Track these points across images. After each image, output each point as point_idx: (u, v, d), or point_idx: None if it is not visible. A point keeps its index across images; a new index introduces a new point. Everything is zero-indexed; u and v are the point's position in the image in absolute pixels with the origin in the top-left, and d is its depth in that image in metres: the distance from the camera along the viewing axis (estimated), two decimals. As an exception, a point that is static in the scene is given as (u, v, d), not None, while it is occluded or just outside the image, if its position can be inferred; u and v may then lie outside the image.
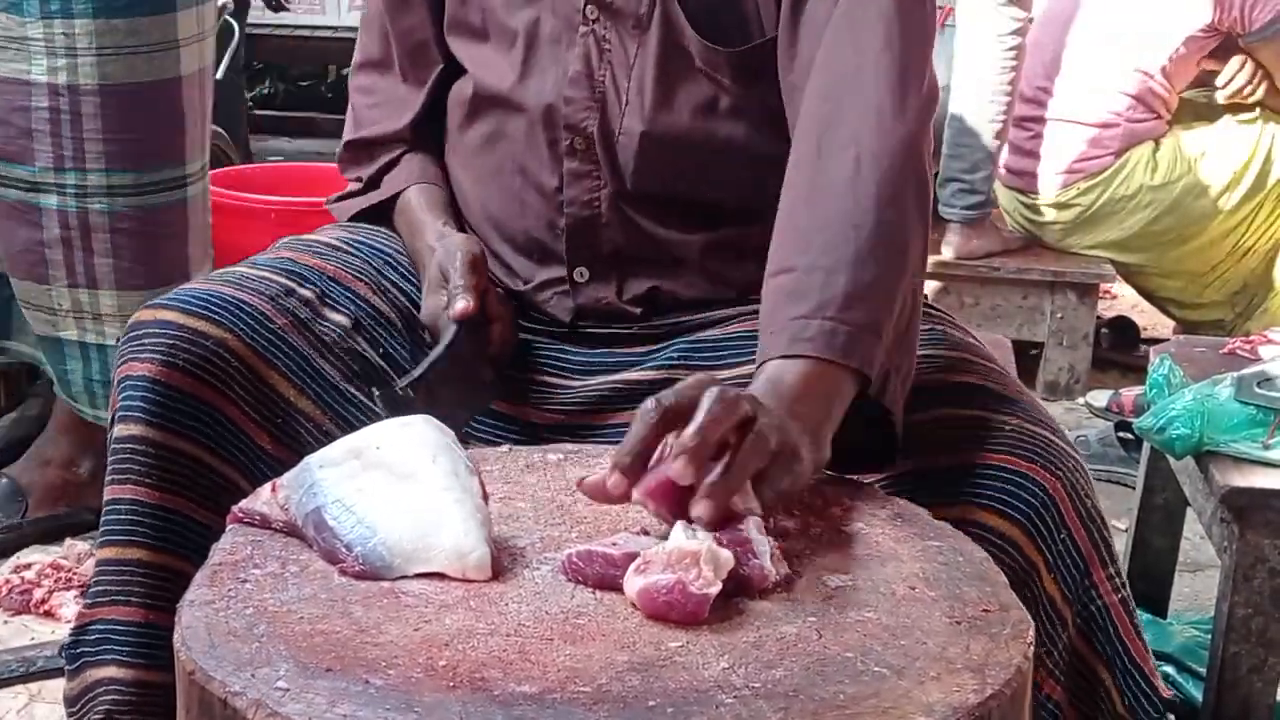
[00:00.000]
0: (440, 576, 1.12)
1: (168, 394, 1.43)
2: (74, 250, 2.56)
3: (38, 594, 2.49)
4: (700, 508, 1.11)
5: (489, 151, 1.64)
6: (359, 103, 1.77)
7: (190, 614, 1.07)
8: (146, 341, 1.45)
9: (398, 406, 1.45)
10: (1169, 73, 3.84)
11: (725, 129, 1.54)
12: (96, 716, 1.46)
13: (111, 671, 1.45)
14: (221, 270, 1.60)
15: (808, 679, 1.00)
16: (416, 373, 1.50)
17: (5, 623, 2.46)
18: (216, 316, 1.47)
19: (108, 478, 1.45)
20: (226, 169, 4.23)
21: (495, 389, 1.59)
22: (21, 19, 2.45)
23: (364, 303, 1.59)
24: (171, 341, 1.44)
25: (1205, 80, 3.98)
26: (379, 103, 1.75)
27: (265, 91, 7.50)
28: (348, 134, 1.78)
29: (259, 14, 5.82)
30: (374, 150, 1.74)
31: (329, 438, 1.47)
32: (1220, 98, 3.93)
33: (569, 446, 1.43)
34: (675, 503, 1.13)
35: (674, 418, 1.16)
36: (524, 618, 1.07)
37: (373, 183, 1.74)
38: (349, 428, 1.47)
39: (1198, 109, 4.02)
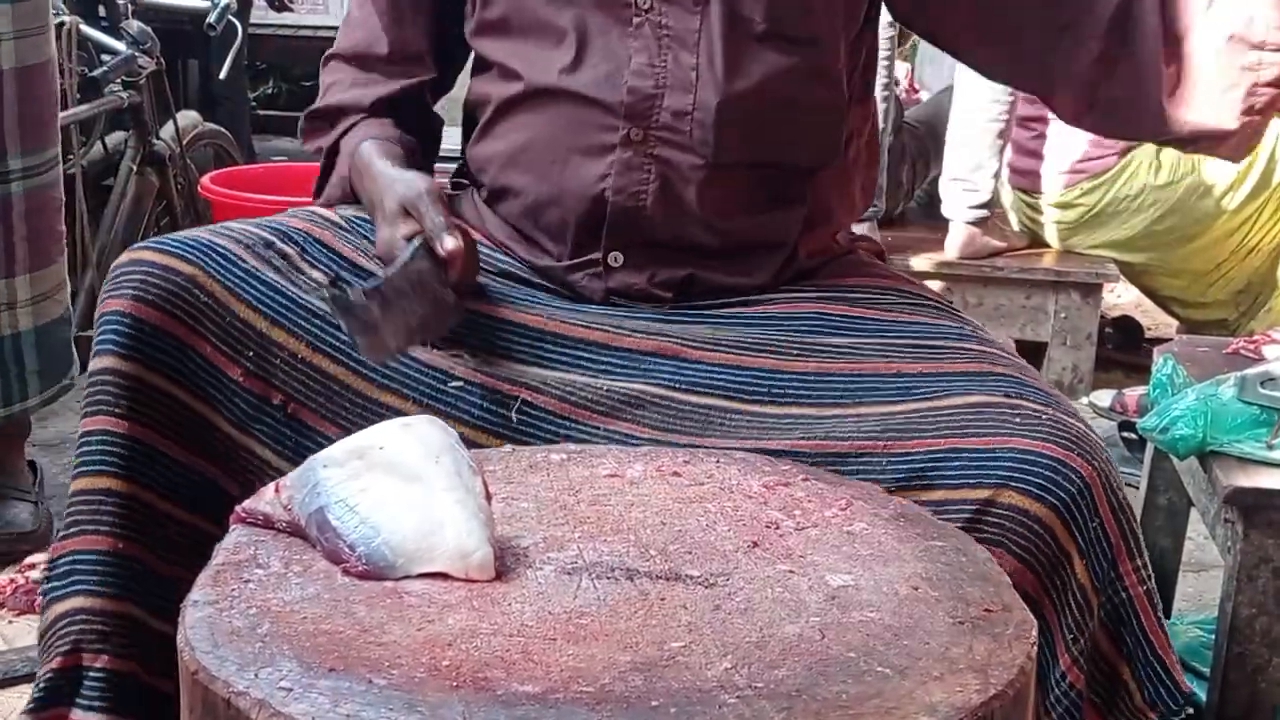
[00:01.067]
0: (443, 576, 1.13)
1: (139, 328, 1.47)
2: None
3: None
4: None
5: (529, 144, 1.64)
6: (326, 81, 1.79)
7: (194, 614, 1.07)
8: (122, 279, 1.49)
9: (347, 311, 1.46)
10: (1173, 72, 3.83)
11: (795, 90, 1.59)
12: (64, 646, 1.46)
13: (79, 602, 1.46)
14: (209, 225, 1.64)
15: (811, 679, 1.00)
16: (372, 283, 1.50)
17: (10, 622, 2.46)
18: (188, 255, 1.51)
19: (82, 411, 1.48)
20: (230, 169, 4.24)
21: (458, 311, 1.56)
22: None
23: (345, 260, 1.61)
24: (143, 278, 1.49)
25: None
26: (348, 83, 1.75)
27: (268, 91, 7.50)
28: (310, 107, 1.79)
29: (262, 14, 5.83)
30: (333, 118, 1.75)
31: (307, 365, 1.51)
32: None
33: (572, 447, 1.43)
34: None
35: None
36: (527, 618, 1.08)
37: (332, 151, 1.74)
38: (327, 356, 1.51)
39: (1202, 109, 4.02)
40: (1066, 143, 3.90)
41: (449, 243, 1.51)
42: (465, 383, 1.52)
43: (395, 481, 1.16)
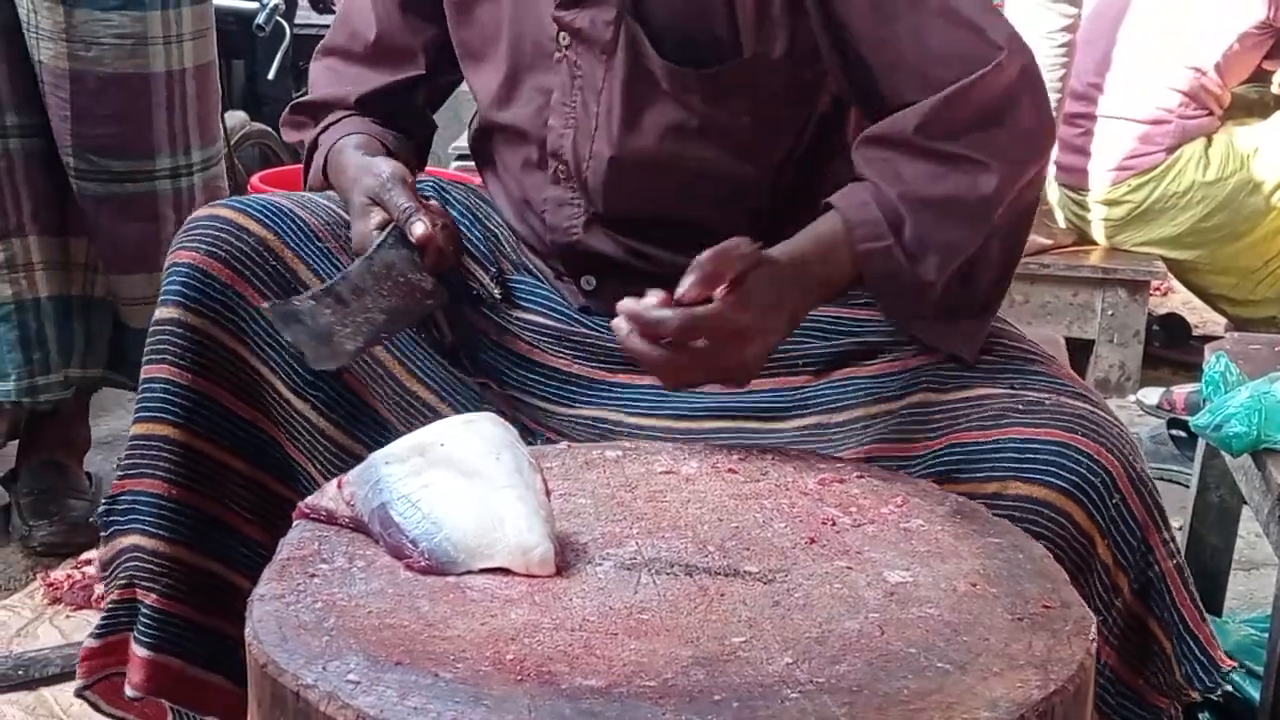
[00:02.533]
0: (504, 572, 1.14)
1: (206, 281, 1.48)
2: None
3: (98, 589, 2.51)
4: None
5: (498, 172, 1.69)
6: (313, 76, 1.80)
7: (261, 608, 1.08)
8: (195, 232, 1.51)
9: (293, 320, 1.46)
10: (1222, 69, 3.81)
11: (694, 150, 1.54)
12: (122, 580, 1.52)
13: (135, 539, 1.51)
14: (295, 193, 1.66)
15: (871, 674, 1.00)
16: (319, 288, 1.50)
17: (67, 617, 2.49)
18: (266, 220, 1.53)
19: (145, 358, 1.51)
20: (277, 168, 4.27)
21: (439, 294, 1.55)
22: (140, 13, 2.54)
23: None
24: (216, 233, 1.50)
25: (1258, 76, 3.95)
26: (334, 78, 1.76)
27: (312, 91, 7.54)
28: (294, 100, 1.81)
29: (305, 14, 5.86)
30: (316, 112, 1.75)
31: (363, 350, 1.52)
32: (1275, 87, 3.90)
33: (627, 444, 1.44)
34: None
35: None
36: (588, 612, 1.09)
37: (312, 147, 1.74)
38: (383, 346, 1.54)
39: (1250, 104, 3.99)
40: (1114, 140, 3.88)
41: (418, 229, 1.51)
42: (499, 410, 1.52)
43: (456, 477, 1.17)
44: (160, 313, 1.50)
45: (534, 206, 1.63)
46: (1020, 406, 1.38)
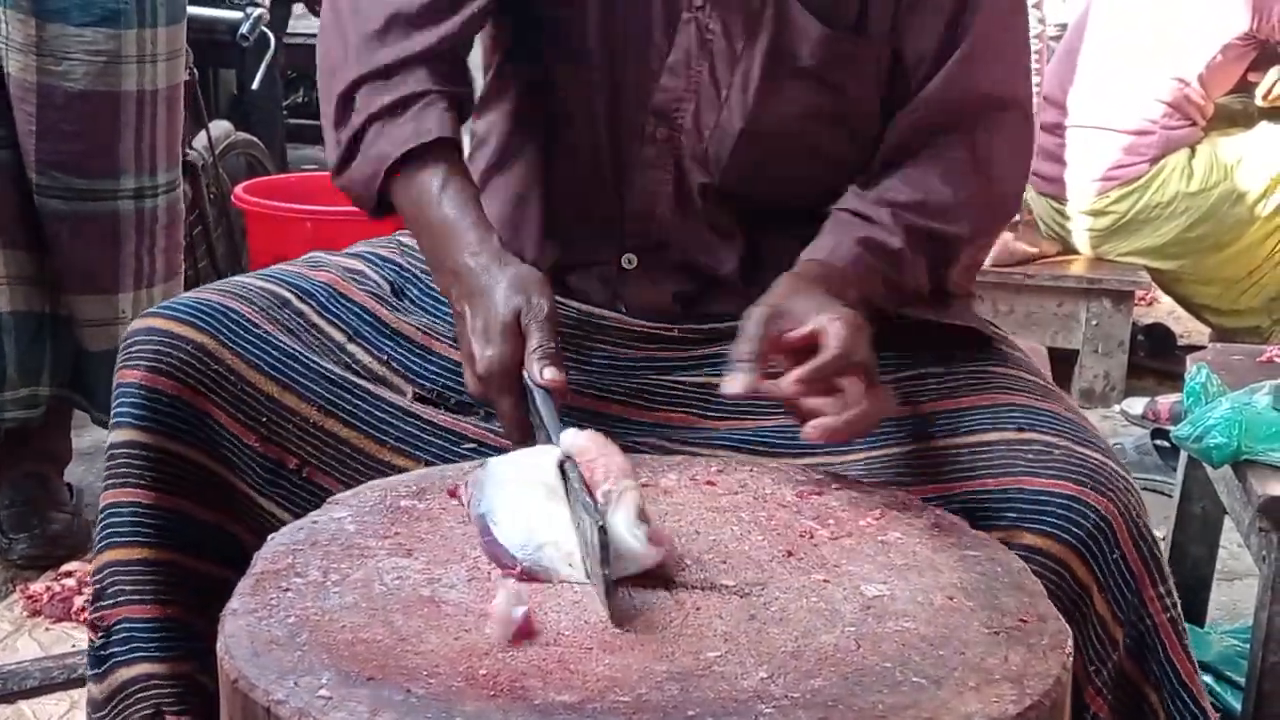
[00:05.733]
0: (479, 586, 1.13)
1: (155, 398, 1.45)
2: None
3: (78, 602, 2.51)
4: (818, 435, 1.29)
5: (555, 130, 1.61)
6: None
7: (233, 623, 1.08)
8: (134, 349, 1.48)
9: None
10: (1206, 80, 3.82)
11: (821, 134, 1.55)
12: (145, 711, 1.47)
13: (145, 668, 1.47)
14: (225, 280, 1.61)
15: (847, 689, 1.00)
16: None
17: (46, 630, 2.48)
18: (199, 322, 1.49)
19: (104, 483, 1.48)
20: (262, 178, 4.26)
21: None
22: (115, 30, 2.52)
23: (366, 314, 1.56)
24: (155, 347, 1.47)
25: (1241, 86, 3.96)
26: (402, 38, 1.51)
27: (300, 100, 7.54)
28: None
29: (294, 23, 5.86)
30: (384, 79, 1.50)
31: (319, 430, 1.49)
32: (1258, 98, 3.92)
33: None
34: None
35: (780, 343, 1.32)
36: (563, 627, 1.08)
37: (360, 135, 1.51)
38: (339, 420, 1.49)
39: (1233, 115, 4.00)
40: (1098, 150, 3.89)
41: (549, 374, 1.35)
42: (479, 444, 1.49)
43: (545, 494, 1.21)
44: (117, 435, 1.46)
45: (608, 166, 1.57)
46: (1030, 454, 1.38)
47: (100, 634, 1.49)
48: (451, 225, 1.45)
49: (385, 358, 1.55)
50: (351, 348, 1.54)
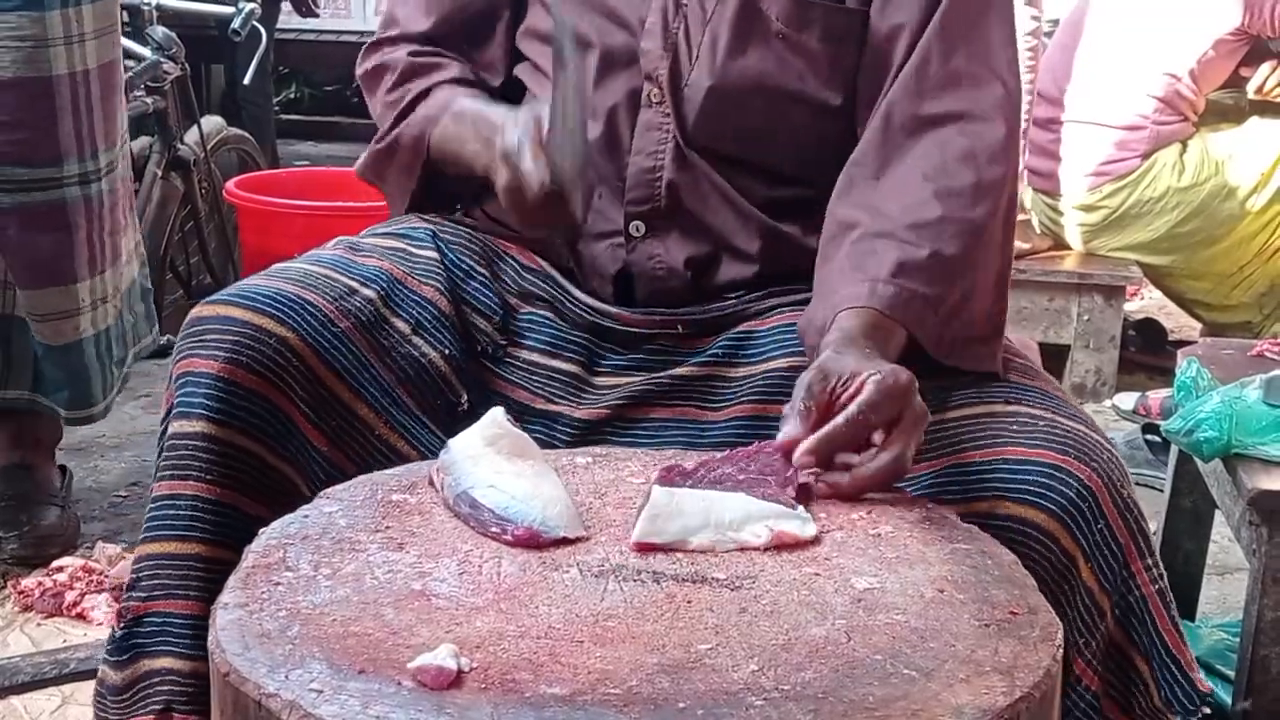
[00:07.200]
0: (471, 578, 1.14)
1: (231, 391, 1.41)
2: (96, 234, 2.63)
3: (70, 597, 2.51)
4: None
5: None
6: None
7: (224, 616, 1.08)
8: (209, 338, 1.44)
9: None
10: (1197, 76, 3.82)
11: (792, 89, 1.57)
12: (156, 705, 1.45)
13: (168, 663, 1.44)
14: (281, 266, 1.57)
15: (837, 681, 1.00)
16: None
17: (38, 625, 2.48)
18: (280, 314, 1.46)
19: (161, 472, 1.44)
20: (254, 174, 4.26)
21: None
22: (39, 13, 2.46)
23: (428, 305, 1.56)
24: (235, 338, 1.43)
25: (1233, 82, 3.97)
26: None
27: (291, 96, 7.54)
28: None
29: (285, 19, 5.85)
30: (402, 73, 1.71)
31: (383, 444, 1.48)
32: (1249, 93, 3.93)
33: (597, 450, 1.44)
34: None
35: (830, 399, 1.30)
36: (554, 620, 1.08)
37: (410, 103, 1.70)
38: (400, 435, 1.49)
39: (1224, 110, 4.01)
40: (1089, 146, 3.90)
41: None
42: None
43: (522, 464, 1.27)
44: (179, 426, 1.42)
45: (616, 131, 1.61)
46: (1014, 425, 1.39)
47: (126, 623, 1.45)
48: (471, 111, 1.63)
49: (446, 353, 1.55)
50: (416, 340, 1.54)
